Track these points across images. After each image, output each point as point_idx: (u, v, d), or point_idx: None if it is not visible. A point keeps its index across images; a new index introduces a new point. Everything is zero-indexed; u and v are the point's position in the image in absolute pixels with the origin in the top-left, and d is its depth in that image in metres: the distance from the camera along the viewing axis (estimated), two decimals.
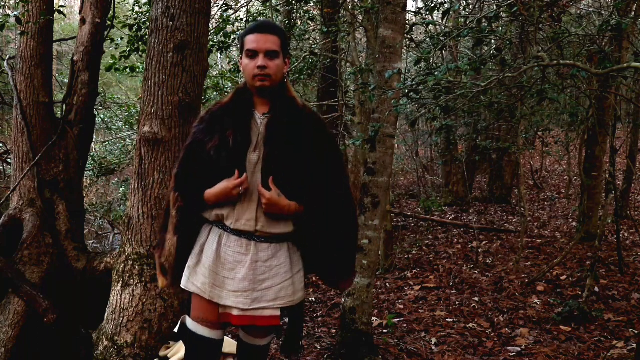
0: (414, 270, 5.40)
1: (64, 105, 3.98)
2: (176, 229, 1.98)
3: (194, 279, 1.97)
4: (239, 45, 1.96)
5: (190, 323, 2.04)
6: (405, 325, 3.88)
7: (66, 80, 4.63)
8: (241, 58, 1.93)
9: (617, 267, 4.93)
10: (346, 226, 2.03)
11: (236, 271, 1.91)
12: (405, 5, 3.21)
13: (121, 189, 8.43)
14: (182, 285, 2.01)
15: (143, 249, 3.13)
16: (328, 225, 1.96)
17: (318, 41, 7.81)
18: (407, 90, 3.01)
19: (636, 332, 3.58)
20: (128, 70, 5.51)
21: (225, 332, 2.16)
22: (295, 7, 6.54)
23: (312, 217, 1.94)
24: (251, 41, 1.88)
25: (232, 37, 5.42)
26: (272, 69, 1.88)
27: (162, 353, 3.03)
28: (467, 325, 3.85)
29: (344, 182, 2.03)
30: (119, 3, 6.92)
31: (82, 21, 3.96)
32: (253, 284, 1.91)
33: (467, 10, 6.74)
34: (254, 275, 1.91)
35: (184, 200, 1.97)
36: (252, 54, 1.87)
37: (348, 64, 7.69)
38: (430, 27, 5.80)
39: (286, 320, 2.14)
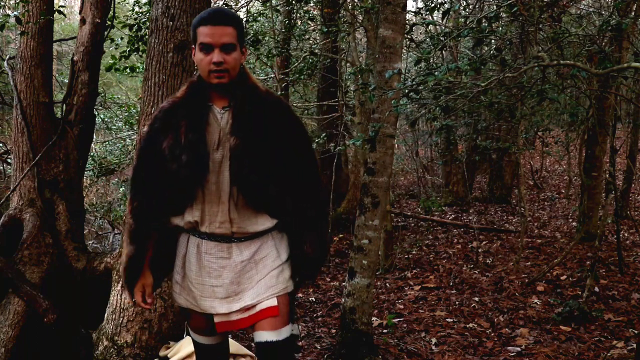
0: (414, 270, 5.40)
1: (64, 105, 3.98)
2: (132, 236, 1.85)
3: (184, 294, 1.91)
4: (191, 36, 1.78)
5: (191, 332, 2.04)
6: (405, 325, 3.88)
7: (66, 80, 4.63)
8: (194, 49, 1.76)
9: (617, 267, 4.93)
10: (317, 214, 1.92)
11: (223, 277, 1.83)
12: (405, 5, 3.21)
13: (121, 189, 8.42)
14: (175, 302, 1.96)
15: None
16: (301, 212, 1.88)
17: (318, 41, 7.81)
18: (407, 90, 3.01)
19: (636, 332, 3.58)
20: (128, 70, 5.51)
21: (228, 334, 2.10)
22: (295, 7, 6.54)
23: (291, 206, 1.86)
24: (205, 34, 1.70)
25: None
26: (230, 63, 1.72)
27: (162, 353, 3.03)
28: (467, 325, 3.85)
29: (314, 168, 1.94)
30: (119, 3, 6.92)
31: (82, 21, 3.96)
32: (241, 284, 1.83)
33: (467, 10, 6.74)
34: (240, 276, 1.83)
35: (140, 206, 1.84)
36: (207, 48, 1.71)
37: (348, 64, 7.69)
38: (430, 27, 5.79)
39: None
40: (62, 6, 4.34)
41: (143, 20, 4.88)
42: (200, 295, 1.87)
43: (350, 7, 6.51)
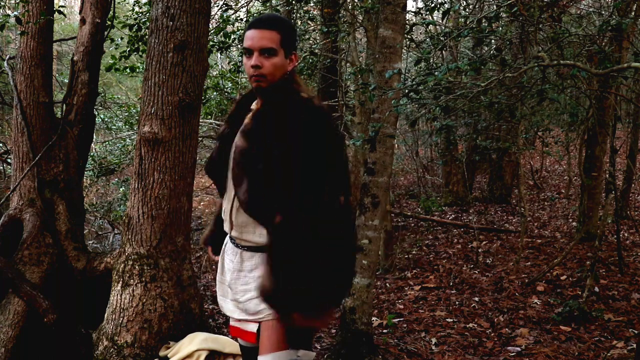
0: (414, 270, 5.40)
1: (64, 105, 3.98)
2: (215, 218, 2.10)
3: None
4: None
5: None
6: (405, 325, 3.88)
7: (66, 80, 4.63)
8: None
9: (617, 267, 4.93)
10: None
11: (232, 280, 1.86)
12: (405, 5, 3.21)
13: (121, 189, 8.41)
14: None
15: (143, 249, 3.13)
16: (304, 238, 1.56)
17: (318, 41, 7.81)
18: (407, 90, 3.01)
19: (636, 332, 3.58)
20: (128, 70, 5.51)
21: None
22: (295, 7, 6.54)
23: (287, 226, 1.58)
24: (247, 38, 1.71)
25: (232, 37, 5.42)
26: (267, 68, 1.68)
27: (162, 353, 3.03)
28: (467, 325, 3.85)
29: (312, 185, 1.59)
30: (119, 3, 6.92)
31: (82, 21, 3.96)
32: (235, 294, 1.83)
33: (467, 10, 6.74)
34: (235, 284, 1.82)
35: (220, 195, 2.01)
36: (248, 52, 1.71)
37: (348, 64, 7.69)
38: (430, 27, 5.80)
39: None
40: (62, 6, 4.34)
41: (143, 20, 4.88)
42: (218, 293, 1.95)
43: (350, 7, 6.51)
